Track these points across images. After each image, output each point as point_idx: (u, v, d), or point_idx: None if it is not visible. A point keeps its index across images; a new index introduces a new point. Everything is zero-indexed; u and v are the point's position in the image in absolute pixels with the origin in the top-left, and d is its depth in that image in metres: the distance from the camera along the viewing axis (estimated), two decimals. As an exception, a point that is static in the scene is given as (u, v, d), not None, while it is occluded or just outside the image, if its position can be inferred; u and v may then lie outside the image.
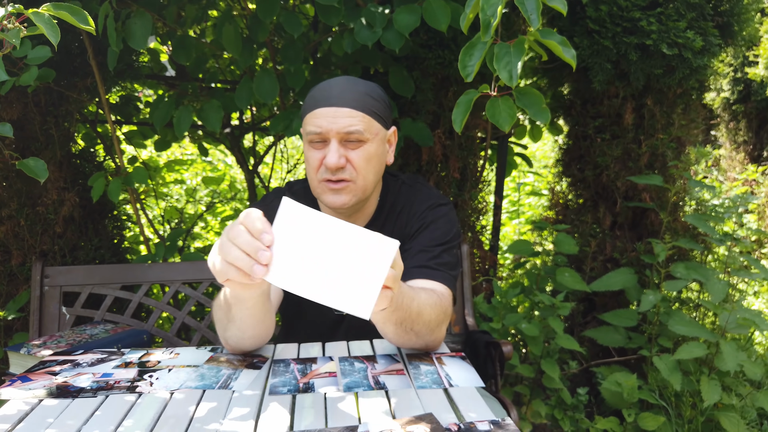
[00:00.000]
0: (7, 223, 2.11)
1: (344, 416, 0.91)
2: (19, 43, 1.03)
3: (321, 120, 1.21)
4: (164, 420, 0.91)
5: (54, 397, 1.00)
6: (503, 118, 1.28)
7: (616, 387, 2.05)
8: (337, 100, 1.22)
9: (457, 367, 1.13)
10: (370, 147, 1.25)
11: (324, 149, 1.23)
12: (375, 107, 1.26)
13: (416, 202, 1.38)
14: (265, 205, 1.39)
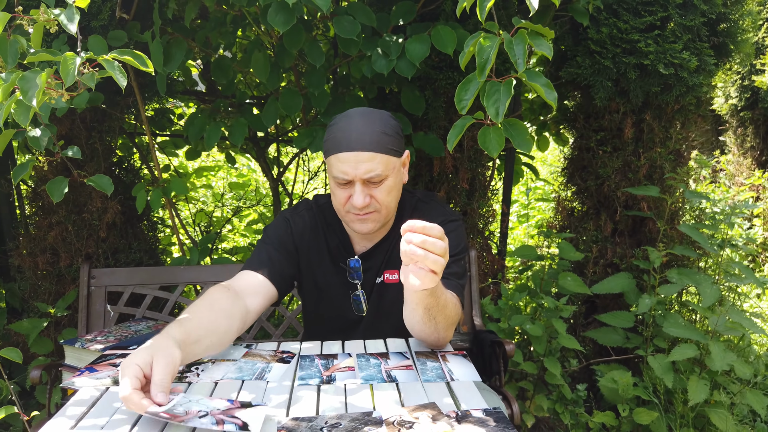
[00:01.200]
0: (56, 228, 2.33)
1: (361, 404, 1.10)
2: (94, 86, 1.22)
3: (345, 166, 1.36)
4: (212, 405, 1.10)
5: (118, 384, 1.20)
6: (492, 146, 1.45)
7: (612, 384, 2.21)
8: (357, 144, 1.35)
9: (458, 363, 1.30)
10: (389, 181, 1.41)
11: (350, 188, 1.39)
12: (390, 144, 1.40)
13: (432, 209, 1.56)
14: (297, 213, 1.58)
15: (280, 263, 1.50)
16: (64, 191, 1.82)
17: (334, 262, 1.57)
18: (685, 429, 2.18)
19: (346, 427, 0.99)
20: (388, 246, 1.56)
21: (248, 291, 1.42)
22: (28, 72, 1.21)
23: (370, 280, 1.57)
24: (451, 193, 2.49)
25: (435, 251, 1.05)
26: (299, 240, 1.55)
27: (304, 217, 1.58)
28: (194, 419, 0.95)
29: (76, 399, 1.14)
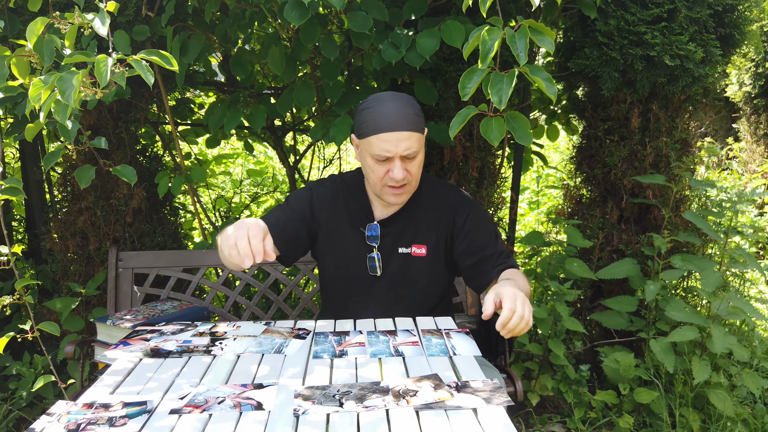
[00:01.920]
0: (85, 214, 2.46)
1: (370, 375, 1.20)
2: (124, 84, 1.33)
3: (387, 144, 1.53)
4: (235, 375, 1.22)
5: (150, 357, 1.32)
6: (494, 135, 1.54)
7: (615, 364, 2.29)
8: (397, 125, 1.53)
9: (461, 340, 1.41)
10: (420, 156, 1.60)
11: (388, 164, 1.56)
12: (420, 123, 1.59)
13: (456, 199, 1.75)
14: (321, 184, 1.78)
15: (287, 226, 1.68)
16: (91, 178, 1.93)
17: (354, 226, 1.72)
18: (685, 409, 2.26)
19: (356, 395, 1.09)
20: (407, 216, 1.72)
21: None
22: (65, 74, 1.32)
23: (388, 246, 1.71)
24: (461, 181, 2.57)
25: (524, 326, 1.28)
26: (319, 208, 1.72)
27: (327, 187, 1.76)
28: (213, 406, 1.06)
29: (112, 369, 1.26)
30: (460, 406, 1.04)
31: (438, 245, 1.72)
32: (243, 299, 2.34)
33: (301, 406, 1.05)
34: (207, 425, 0.99)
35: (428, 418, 1.01)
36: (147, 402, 1.07)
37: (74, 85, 1.32)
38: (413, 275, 1.71)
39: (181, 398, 1.09)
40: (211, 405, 1.06)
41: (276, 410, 1.04)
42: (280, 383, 1.16)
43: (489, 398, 1.06)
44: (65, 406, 1.06)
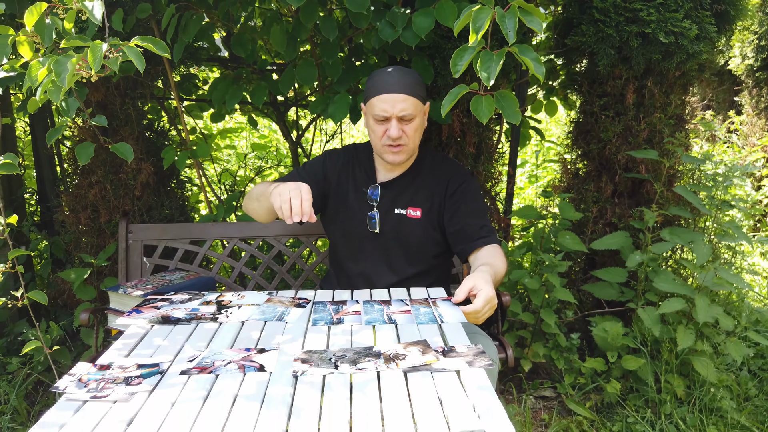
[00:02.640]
0: (95, 187, 2.55)
1: (364, 341, 1.30)
2: (117, 68, 1.40)
3: (385, 104, 1.71)
4: (239, 341, 1.32)
5: (160, 324, 1.42)
6: (483, 113, 1.60)
7: (604, 333, 2.39)
8: (395, 88, 1.71)
9: (447, 307, 1.50)
10: (416, 121, 1.76)
11: (386, 124, 1.74)
12: (419, 91, 1.76)
13: (452, 172, 1.89)
14: (336, 151, 2.00)
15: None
16: (90, 155, 1.98)
17: (359, 188, 1.91)
18: (670, 375, 2.36)
19: (350, 358, 1.19)
20: (407, 181, 1.89)
21: None
22: (61, 57, 1.39)
23: (386, 206, 1.88)
24: (459, 156, 2.64)
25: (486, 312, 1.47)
26: (331, 171, 1.93)
27: (340, 154, 1.96)
28: (220, 368, 1.16)
29: (126, 334, 1.36)
30: (444, 368, 1.14)
31: (431, 210, 1.87)
32: (248, 270, 2.44)
33: (299, 368, 1.15)
34: (214, 385, 1.10)
35: (415, 380, 1.10)
36: (159, 364, 1.18)
37: (68, 69, 1.39)
38: (406, 234, 1.88)
39: (190, 361, 1.19)
40: (217, 367, 1.16)
41: (276, 372, 1.14)
42: (280, 348, 1.26)
43: (471, 362, 1.16)
44: (85, 368, 1.17)
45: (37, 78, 1.33)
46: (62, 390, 1.07)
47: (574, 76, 2.90)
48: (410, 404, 1.01)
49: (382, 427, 0.94)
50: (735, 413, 2.32)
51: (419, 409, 0.99)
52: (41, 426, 0.96)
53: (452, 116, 2.49)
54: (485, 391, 1.05)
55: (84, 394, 1.06)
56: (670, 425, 2.25)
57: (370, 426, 0.94)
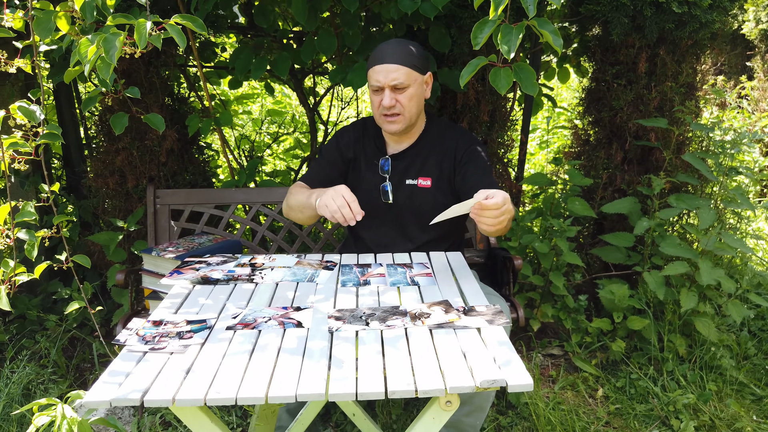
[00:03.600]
0: (122, 154, 2.65)
1: (390, 301, 1.41)
2: (160, 45, 1.48)
3: (378, 75, 1.78)
4: (276, 300, 1.43)
5: (201, 284, 1.53)
6: (501, 84, 1.67)
7: (611, 295, 2.51)
8: (389, 59, 1.78)
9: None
10: (411, 90, 1.80)
11: (381, 94, 1.81)
12: (414, 61, 1.80)
13: (459, 143, 1.93)
14: (346, 130, 2.05)
15: (325, 176, 1.96)
16: (125, 125, 2.09)
17: (369, 160, 1.98)
18: (673, 335, 2.48)
19: (379, 316, 1.30)
20: (415, 152, 1.96)
21: None
22: (109, 35, 1.47)
23: (397, 177, 1.95)
24: (473, 124, 2.71)
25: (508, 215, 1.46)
26: (346, 149, 1.99)
27: (351, 131, 2.02)
28: (261, 324, 1.27)
29: (171, 294, 1.48)
30: (466, 325, 1.25)
31: (441, 177, 1.94)
32: (270, 233, 2.55)
33: (334, 324, 1.27)
34: (258, 339, 1.21)
35: (439, 336, 1.22)
36: (206, 320, 1.29)
37: (117, 47, 1.47)
38: (418, 204, 1.95)
39: (234, 317, 1.31)
40: (259, 323, 1.28)
41: (313, 327, 1.26)
42: (314, 306, 1.38)
43: (491, 320, 1.27)
44: (139, 323, 1.29)
45: (87, 55, 1.41)
46: (123, 342, 1.19)
47: (587, 44, 2.94)
48: (437, 357, 1.13)
49: (413, 376, 1.05)
50: (734, 371, 2.45)
51: (445, 362, 1.11)
52: (110, 374, 1.08)
53: (467, 85, 2.55)
54: (504, 346, 1.16)
55: (143, 346, 1.18)
56: (672, 381, 2.38)
57: (402, 375, 1.06)
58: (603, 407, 2.32)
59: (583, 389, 2.41)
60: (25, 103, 1.50)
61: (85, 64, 1.51)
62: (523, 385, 1.03)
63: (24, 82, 2.79)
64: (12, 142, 1.42)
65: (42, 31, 1.49)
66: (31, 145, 1.46)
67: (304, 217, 1.84)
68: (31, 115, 1.46)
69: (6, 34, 1.47)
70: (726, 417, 2.23)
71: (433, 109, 2.68)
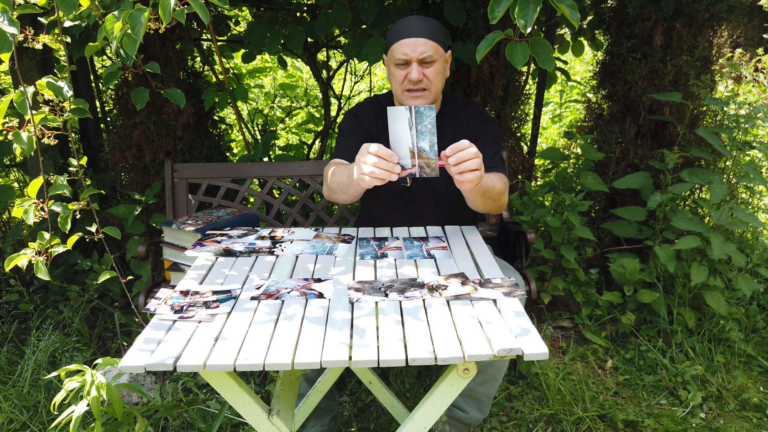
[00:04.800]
0: (139, 128, 2.68)
1: (408, 273, 1.45)
2: (184, 20, 1.50)
3: (405, 48, 1.74)
4: (297, 272, 1.48)
5: (224, 256, 1.58)
6: (518, 59, 1.69)
7: (621, 269, 2.54)
8: (416, 32, 1.75)
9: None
10: (437, 65, 1.78)
11: (407, 69, 1.77)
12: (439, 36, 1.78)
13: (470, 120, 1.92)
14: (361, 108, 1.98)
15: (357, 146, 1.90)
16: (146, 100, 2.12)
17: (387, 142, 1.91)
18: (682, 308, 2.52)
19: (398, 288, 1.35)
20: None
21: None
22: (135, 11, 1.49)
23: None
24: (487, 98, 2.72)
25: (469, 157, 1.42)
26: (369, 127, 1.95)
27: (367, 110, 1.98)
28: (284, 294, 1.31)
29: (196, 265, 1.52)
30: (483, 297, 1.29)
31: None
32: (286, 207, 2.59)
33: (354, 296, 1.31)
34: (282, 309, 1.26)
35: (457, 307, 1.26)
36: (231, 291, 1.34)
37: (142, 23, 1.49)
38: (433, 183, 1.93)
39: (257, 288, 1.36)
40: (282, 294, 1.32)
41: (335, 298, 1.30)
42: (335, 278, 1.42)
43: (507, 292, 1.31)
44: (167, 293, 1.33)
45: (113, 31, 1.43)
46: (153, 311, 1.24)
47: (603, 17, 2.92)
48: (455, 327, 1.17)
49: (432, 345, 1.10)
50: (742, 343, 2.49)
51: (463, 332, 1.15)
52: (144, 341, 1.13)
53: (482, 59, 2.55)
54: (521, 317, 1.20)
55: (172, 315, 1.23)
56: (680, 353, 2.43)
57: (422, 344, 1.10)
58: (612, 378, 2.37)
59: (593, 360, 2.46)
60: (51, 79, 1.54)
61: (111, 41, 1.54)
62: (538, 354, 1.07)
63: (41, 56, 2.82)
64: (42, 117, 1.45)
65: (66, 7, 1.51)
66: (59, 120, 1.50)
67: (349, 197, 1.71)
68: (58, 90, 1.49)
69: (32, 10, 1.49)
70: (733, 388, 2.28)
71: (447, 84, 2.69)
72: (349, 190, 1.67)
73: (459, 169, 1.43)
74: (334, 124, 3.38)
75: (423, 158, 1.50)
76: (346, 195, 1.71)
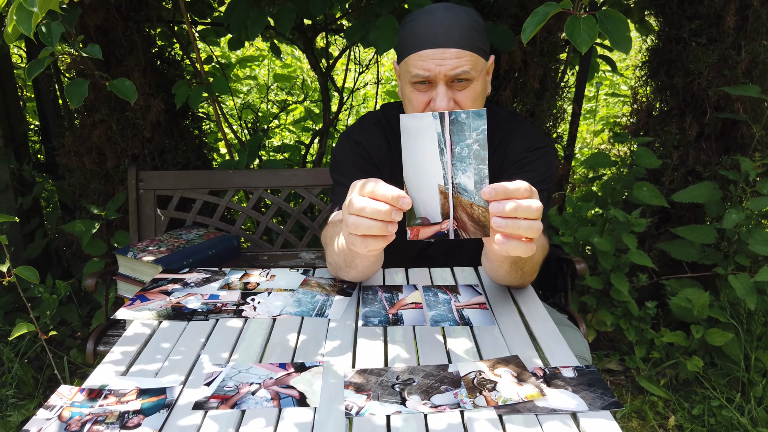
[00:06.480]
0: (99, 127, 2.23)
1: (434, 351, 0.99)
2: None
3: (428, 63, 1.18)
4: (271, 348, 1.02)
5: (169, 319, 1.12)
6: (582, 39, 1.21)
7: (686, 303, 2.07)
8: (444, 40, 1.18)
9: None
10: (476, 86, 1.22)
11: (429, 92, 1.21)
12: (479, 42, 1.22)
13: (512, 142, 1.37)
14: (365, 131, 1.43)
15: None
16: (84, 95, 1.61)
17: (396, 175, 1.42)
18: (762, 352, 2.05)
19: (420, 385, 0.88)
20: None
21: None
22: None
23: None
24: (518, 93, 2.25)
25: (530, 216, 0.82)
26: (377, 158, 1.42)
27: (374, 133, 1.43)
28: (246, 397, 0.85)
29: (125, 338, 1.06)
30: (554, 409, 0.83)
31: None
32: (276, 226, 2.13)
33: (353, 401, 0.85)
34: (239, 429, 0.80)
35: (516, 427, 0.79)
36: (166, 390, 0.88)
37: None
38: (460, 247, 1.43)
39: (207, 383, 0.90)
40: (243, 396, 0.86)
41: (323, 407, 0.84)
42: (325, 362, 0.96)
43: (592, 401, 0.84)
44: (68, 392, 0.88)
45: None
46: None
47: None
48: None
49: None
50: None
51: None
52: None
53: (515, 43, 2.07)
54: (623, 454, 0.74)
55: (63, 443, 0.77)
56: (762, 410, 1.96)
57: None
58: (677, 441, 1.91)
59: (652, 416, 2.00)
60: None
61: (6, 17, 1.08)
62: None
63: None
64: None
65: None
66: None
67: (362, 272, 1.17)
68: None
69: None
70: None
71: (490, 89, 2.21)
72: (354, 261, 1.12)
73: (506, 228, 0.83)
74: (335, 122, 2.91)
75: (463, 205, 0.88)
76: (357, 270, 1.16)
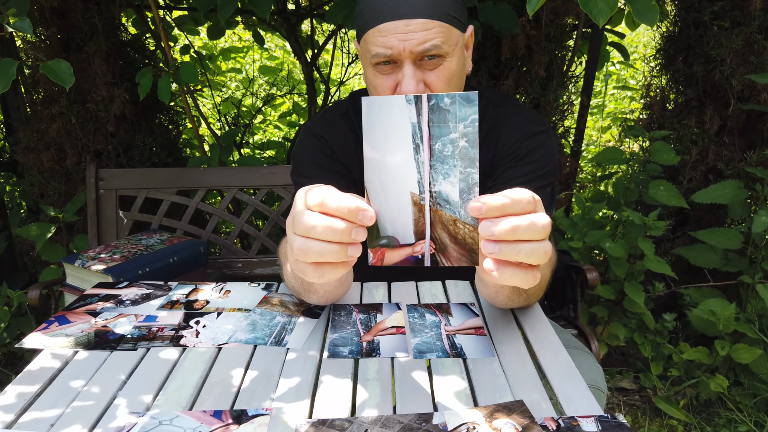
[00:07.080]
0: (58, 120, 2.02)
1: (415, 393, 0.77)
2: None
3: (389, 38, 0.95)
4: (208, 387, 0.80)
5: (88, 348, 0.90)
6: (599, 10, 1.01)
7: (709, 315, 1.85)
8: (407, 9, 0.95)
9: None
10: (450, 63, 0.99)
11: (395, 74, 0.99)
12: (452, 9, 0.98)
13: (505, 129, 1.13)
14: (328, 124, 1.19)
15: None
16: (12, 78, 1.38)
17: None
18: (794, 371, 1.83)
19: (395, 445, 0.67)
20: None
21: None
22: None
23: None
24: (521, 82, 2.04)
25: (533, 237, 0.59)
26: (343, 154, 1.17)
27: (339, 125, 1.19)
28: None
29: (26, 373, 0.85)
30: (574, 484, 0.61)
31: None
32: (252, 229, 1.92)
33: (303, 469, 0.63)
34: None
35: None
36: (57, 452, 0.67)
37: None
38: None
39: (116, 441, 0.68)
40: (158, 461, 0.65)
41: (262, 479, 0.63)
42: (274, 409, 0.74)
43: (624, 472, 0.63)
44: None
45: None
46: None
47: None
48: None
49: None
50: None
51: None
52: None
53: (518, 26, 1.86)
54: None
55: None
56: (796, 438, 1.74)
57: None
58: (701, 473, 1.70)
59: (671, 443, 1.78)
60: None
61: None
62: None
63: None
64: None
65: None
66: None
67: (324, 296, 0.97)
68: None
69: None
70: None
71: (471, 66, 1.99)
72: (313, 286, 0.92)
73: (501, 254, 0.59)
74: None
75: (443, 221, 0.65)
76: (318, 295, 0.95)
